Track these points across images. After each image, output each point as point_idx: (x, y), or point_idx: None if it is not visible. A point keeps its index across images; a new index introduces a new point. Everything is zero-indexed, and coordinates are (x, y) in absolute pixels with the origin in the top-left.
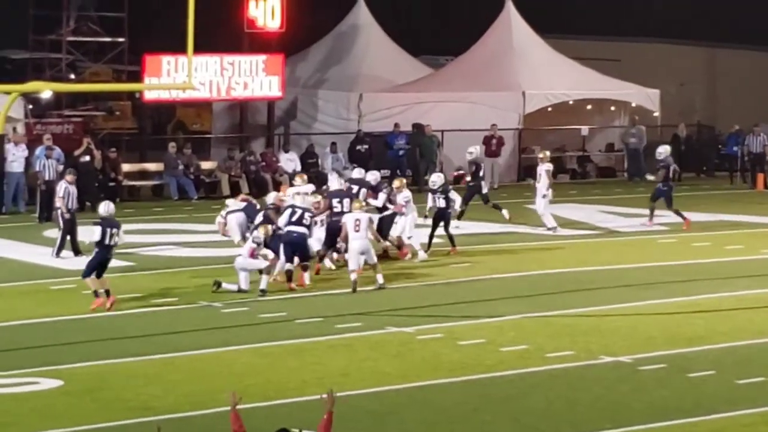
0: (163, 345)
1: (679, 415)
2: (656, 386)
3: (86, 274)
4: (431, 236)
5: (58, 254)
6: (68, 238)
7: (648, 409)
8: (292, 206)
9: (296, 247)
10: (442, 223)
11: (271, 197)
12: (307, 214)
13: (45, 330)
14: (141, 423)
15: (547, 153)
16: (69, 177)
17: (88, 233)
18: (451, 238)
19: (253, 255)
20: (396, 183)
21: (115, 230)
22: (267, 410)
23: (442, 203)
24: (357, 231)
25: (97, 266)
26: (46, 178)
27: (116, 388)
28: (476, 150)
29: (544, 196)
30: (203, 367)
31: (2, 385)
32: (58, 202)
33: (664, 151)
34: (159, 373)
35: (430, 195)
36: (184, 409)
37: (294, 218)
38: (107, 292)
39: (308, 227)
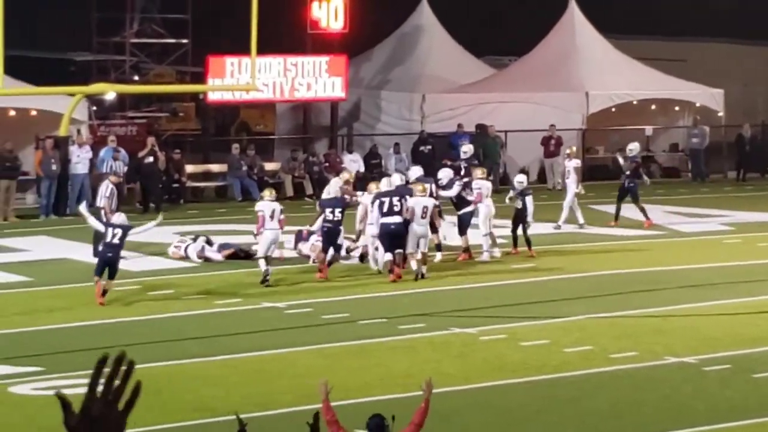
0: (225, 346)
1: (744, 415)
2: (720, 387)
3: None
4: (514, 236)
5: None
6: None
7: (712, 410)
8: (379, 196)
9: (394, 237)
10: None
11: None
12: (395, 200)
13: (106, 331)
14: (203, 424)
15: (574, 149)
16: (113, 177)
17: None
18: (528, 240)
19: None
20: (478, 172)
21: (118, 230)
22: None
23: (520, 204)
24: (423, 218)
25: (103, 266)
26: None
27: (178, 389)
28: (524, 180)
29: (575, 194)
30: (265, 368)
31: (67, 386)
32: (102, 202)
33: (635, 147)
34: (221, 375)
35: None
36: (246, 410)
37: (385, 209)
38: (104, 293)
39: (400, 213)
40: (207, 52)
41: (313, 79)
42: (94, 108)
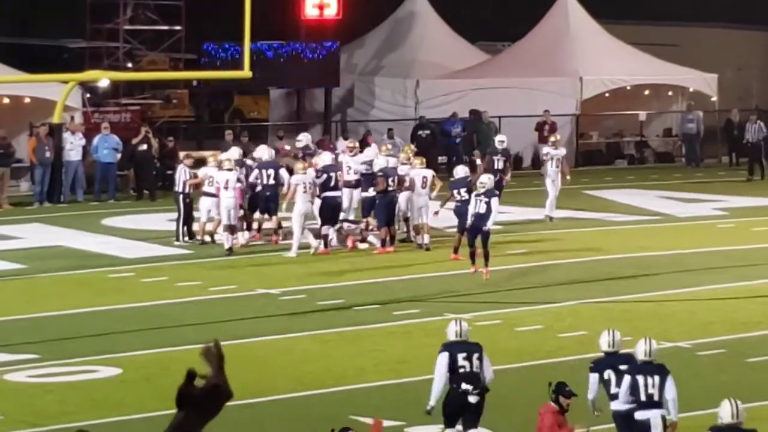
0: (221, 332)
1: (738, 400)
2: (715, 371)
3: None
4: (472, 252)
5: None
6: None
7: (706, 394)
8: (323, 172)
9: (334, 210)
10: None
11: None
12: (338, 175)
13: (103, 318)
14: None
15: (558, 137)
16: (188, 161)
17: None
18: (486, 255)
19: None
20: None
21: None
22: (325, 397)
23: (482, 208)
24: (424, 188)
25: None
26: None
27: (174, 376)
28: (489, 181)
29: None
30: (261, 354)
31: (61, 374)
32: (182, 186)
33: (505, 139)
34: None
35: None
36: (243, 397)
37: (332, 184)
38: None
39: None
40: (200, 38)
41: (307, 65)
42: (88, 95)
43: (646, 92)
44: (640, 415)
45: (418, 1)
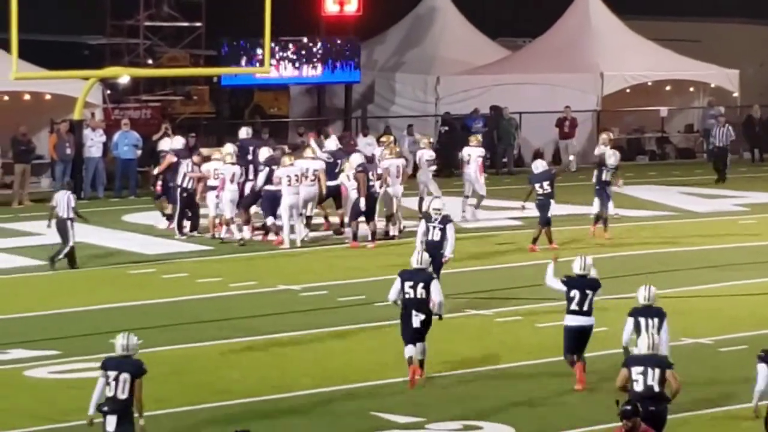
0: (242, 329)
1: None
2: (737, 368)
3: None
4: None
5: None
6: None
7: (728, 390)
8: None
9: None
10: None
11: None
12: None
13: (125, 315)
14: (222, 406)
15: (611, 135)
16: (196, 158)
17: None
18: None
19: None
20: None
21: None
22: (347, 392)
23: (437, 236)
24: (398, 177)
25: None
26: None
27: (196, 371)
28: (442, 206)
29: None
30: (282, 350)
31: (85, 370)
32: (182, 180)
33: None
34: (238, 357)
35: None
36: (264, 392)
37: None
38: None
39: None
40: (220, 35)
41: (327, 61)
42: (108, 92)
43: (668, 88)
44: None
45: None
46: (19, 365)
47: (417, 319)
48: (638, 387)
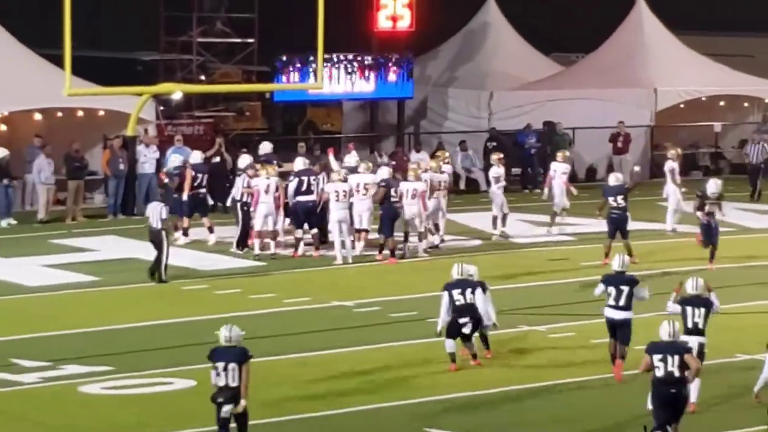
0: (295, 345)
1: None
2: None
3: None
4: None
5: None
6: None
7: None
8: (297, 176)
9: (309, 215)
10: None
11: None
12: (311, 179)
13: (178, 330)
14: (274, 423)
15: (679, 150)
16: (250, 171)
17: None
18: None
19: None
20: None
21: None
22: (400, 409)
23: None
24: (413, 198)
25: None
26: None
27: (250, 388)
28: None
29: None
30: (335, 366)
31: (136, 386)
32: (240, 195)
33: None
34: (291, 373)
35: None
36: (317, 409)
37: (303, 188)
38: None
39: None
40: (273, 51)
41: (380, 77)
42: (161, 107)
43: (722, 103)
44: (684, 338)
45: (491, 13)
46: (74, 381)
47: (467, 326)
48: (659, 372)
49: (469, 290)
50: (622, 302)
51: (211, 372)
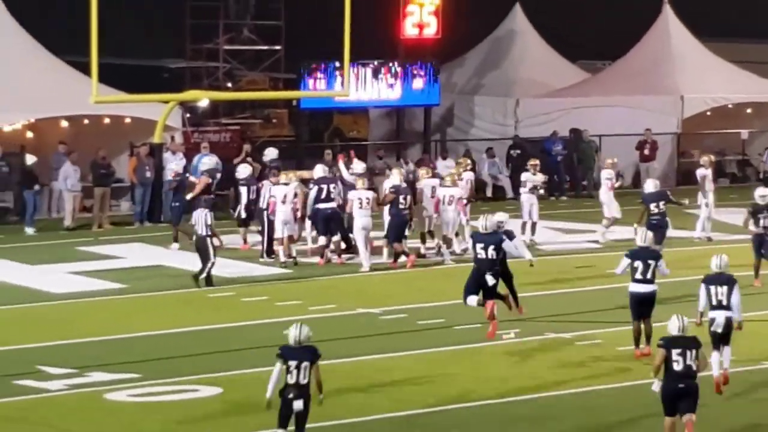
0: (322, 352)
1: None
2: None
3: None
4: None
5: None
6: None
7: None
8: (317, 183)
9: (329, 221)
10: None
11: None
12: (331, 187)
13: (204, 338)
14: None
15: (712, 157)
16: (273, 179)
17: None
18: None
19: None
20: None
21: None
22: (427, 416)
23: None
24: (450, 204)
25: None
26: None
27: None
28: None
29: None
30: (362, 374)
31: (163, 393)
32: (266, 203)
33: None
34: None
35: None
36: (345, 416)
37: (323, 195)
38: None
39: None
40: (300, 58)
41: (407, 84)
42: (188, 115)
43: (748, 110)
44: (711, 314)
45: (518, 20)
46: (99, 388)
47: (490, 278)
48: (678, 367)
49: (491, 247)
50: (649, 275)
51: (276, 365)
